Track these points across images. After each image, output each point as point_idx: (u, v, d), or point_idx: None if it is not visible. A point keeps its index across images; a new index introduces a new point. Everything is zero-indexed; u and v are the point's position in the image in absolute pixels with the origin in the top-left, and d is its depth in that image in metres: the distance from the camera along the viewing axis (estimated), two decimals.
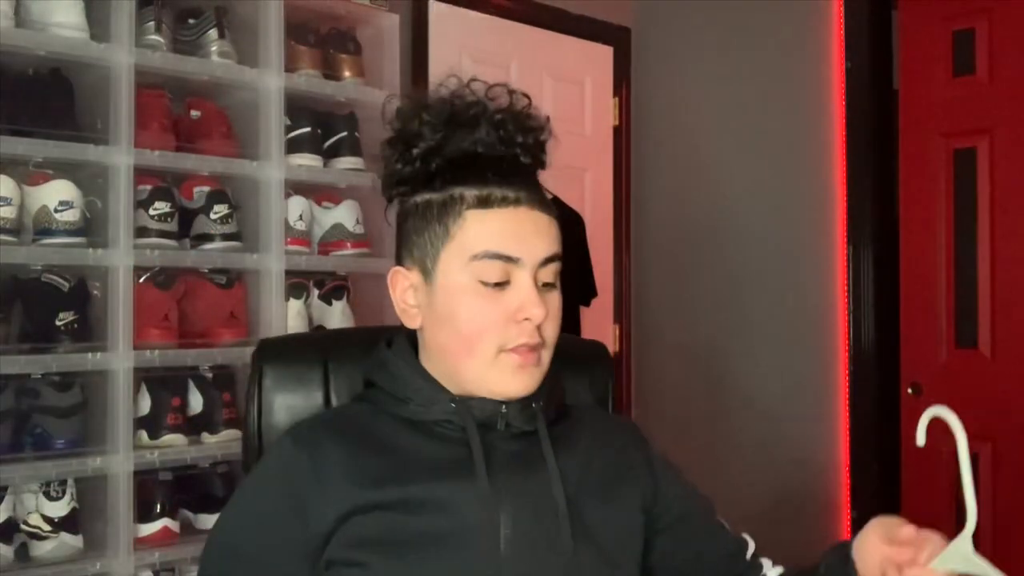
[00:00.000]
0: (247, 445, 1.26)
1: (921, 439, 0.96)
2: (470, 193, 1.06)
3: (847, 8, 3.18)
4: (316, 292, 2.39)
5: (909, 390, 3.01)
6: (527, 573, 1.03)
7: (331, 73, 2.42)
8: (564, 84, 3.33)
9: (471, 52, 3.03)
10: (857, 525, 3.08)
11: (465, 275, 1.05)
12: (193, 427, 2.15)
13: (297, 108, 2.33)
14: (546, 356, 1.08)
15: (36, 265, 1.98)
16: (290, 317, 2.28)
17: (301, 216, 2.31)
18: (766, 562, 1.21)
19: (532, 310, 1.04)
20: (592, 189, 3.34)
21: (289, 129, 2.31)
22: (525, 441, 1.09)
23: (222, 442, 2.16)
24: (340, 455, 1.05)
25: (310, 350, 1.32)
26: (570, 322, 3.20)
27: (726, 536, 1.20)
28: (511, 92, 1.12)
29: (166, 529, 2.07)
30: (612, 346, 3.24)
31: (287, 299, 2.27)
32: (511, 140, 1.08)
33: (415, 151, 1.07)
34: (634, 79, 3.48)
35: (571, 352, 1.19)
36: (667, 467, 1.19)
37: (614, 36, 3.45)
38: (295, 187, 2.32)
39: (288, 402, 1.25)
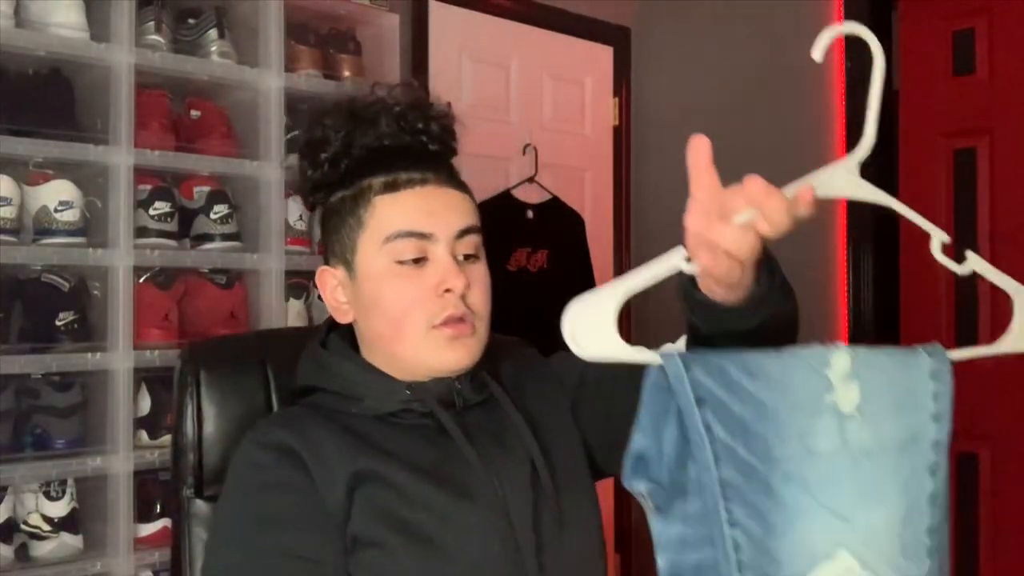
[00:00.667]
0: (178, 461, 1.21)
1: (818, 55, 0.82)
2: (377, 181, 1.09)
3: (847, 8, 3.18)
4: (316, 292, 2.39)
5: None
6: (533, 524, 1.06)
7: (331, 73, 2.42)
8: (564, 84, 3.33)
9: (471, 52, 3.03)
10: None
11: (382, 259, 1.08)
12: None
13: (297, 108, 2.33)
14: (480, 326, 1.09)
15: (36, 265, 1.98)
16: (290, 317, 2.28)
17: (301, 216, 2.31)
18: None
19: (452, 280, 1.06)
20: (592, 189, 3.34)
21: (289, 129, 2.31)
22: (479, 411, 1.12)
23: None
24: (321, 432, 1.05)
25: (245, 352, 1.28)
26: None
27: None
28: (410, 86, 1.18)
29: (166, 529, 2.07)
30: None
31: (287, 299, 2.27)
32: (414, 129, 1.12)
33: (323, 155, 1.11)
34: (634, 79, 3.47)
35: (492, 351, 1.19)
36: (558, 358, 1.21)
37: (614, 36, 3.45)
38: (295, 187, 2.32)
39: (227, 409, 1.20)
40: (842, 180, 0.89)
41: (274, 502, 1.02)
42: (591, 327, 0.84)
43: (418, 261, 1.07)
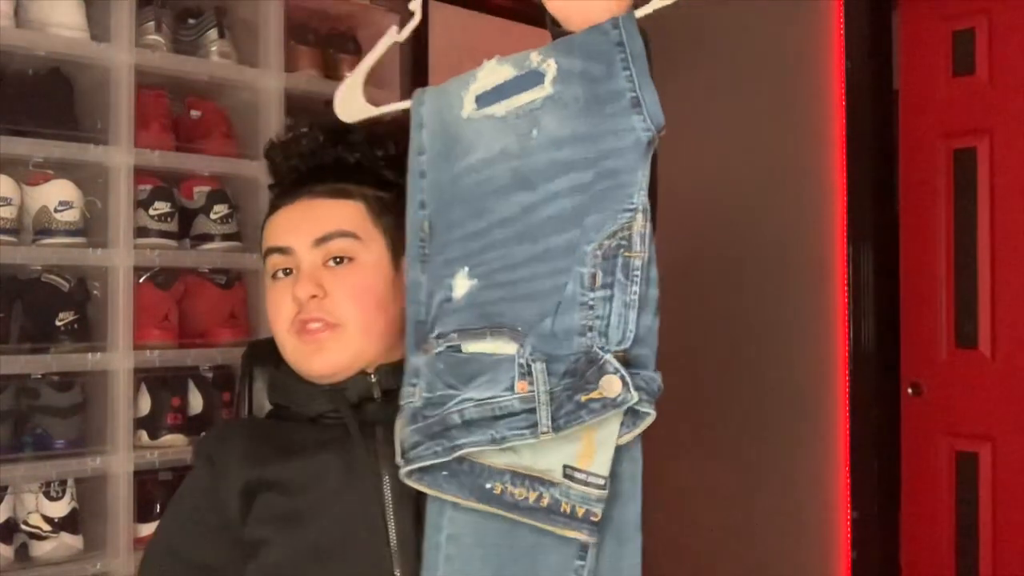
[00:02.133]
0: None
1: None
2: (274, 201, 1.17)
3: (847, 8, 3.17)
4: None
5: (909, 390, 3.01)
6: (415, 512, 1.06)
7: (331, 73, 2.42)
8: None
9: (471, 52, 3.02)
10: (857, 525, 3.08)
11: (266, 277, 1.16)
12: (193, 427, 2.15)
13: (297, 108, 2.33)
14: (347, 330, 1.10)
15: (36, 265, 1.98)
16: None
17: None
18: None
19: (296, 289, 1.10)
20: None
21: (289, 129, 2.30)
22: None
23: None
24: (239, 445, 1.13)
25: None
26: None
27: None
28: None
29: None
30: None
31: None
32: (322, 145, 1.18)
33: (274, 189, 1.21)
34: None
35: None
36: None
37: None
38: None
39: None
40: None
41: (184, 506, 1.14)
42: (348, 100, 1.07)
43: (288, 272, 1.12)
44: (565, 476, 0.88)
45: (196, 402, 2.17)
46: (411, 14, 1.10)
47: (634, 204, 0.90)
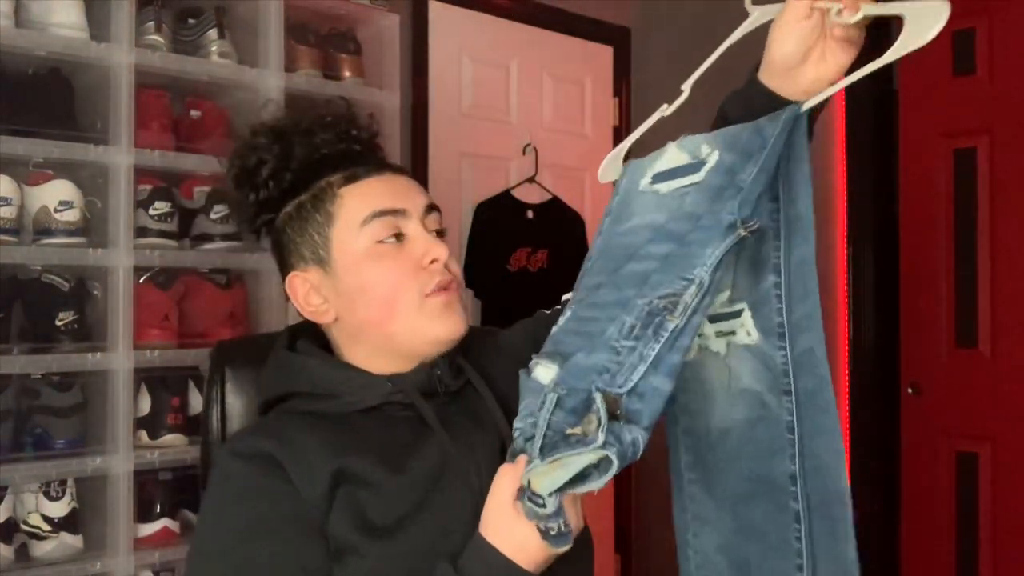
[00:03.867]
0: (206, 453, 1.23)
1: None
2: (336, 177, 1.12)
3: None
4: None
5: (909, 390, 3.01)
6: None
7: (331, 73, 2.42)
8: (564, 84, 3.33)
9: (471, 52, 3.03)
10: (857, 525, 3.08)
11: (361, 243, 1.09)
12: (193, 427, 2.15)
13: (297, 108, 2.33)
14: (461, 296, 1.13)
15: (36, 265, 1.98)
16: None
17: None
18: None
19: (436, 251, 1.09)
20: (592, 189, 3.34)
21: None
22: (458, 397, 1.13)
23: None
24: (299, 434, 1.04)
25: (268, 349, 1.26)
26: None
27: None
28: (328, 102, 1.24)
29: (166, 529, 2.07)
30: None
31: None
32: (348, 136, 1.16)
33: (262, 176, 1.14)
34: (634, 79, 3.48)
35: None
36: (511, 331, 1.26)
37: (614, 36, 3.45)
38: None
39: (252, 404, 1.21)
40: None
41: (252, 511, 1.00)
42: (610, 167, 1.14)
43: (398, 237, 1.09)
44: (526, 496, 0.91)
45: (196, 402, 2.17)
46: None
47: (692, 276, 0.92)
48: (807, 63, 0.98)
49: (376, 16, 2.51)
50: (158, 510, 2.07)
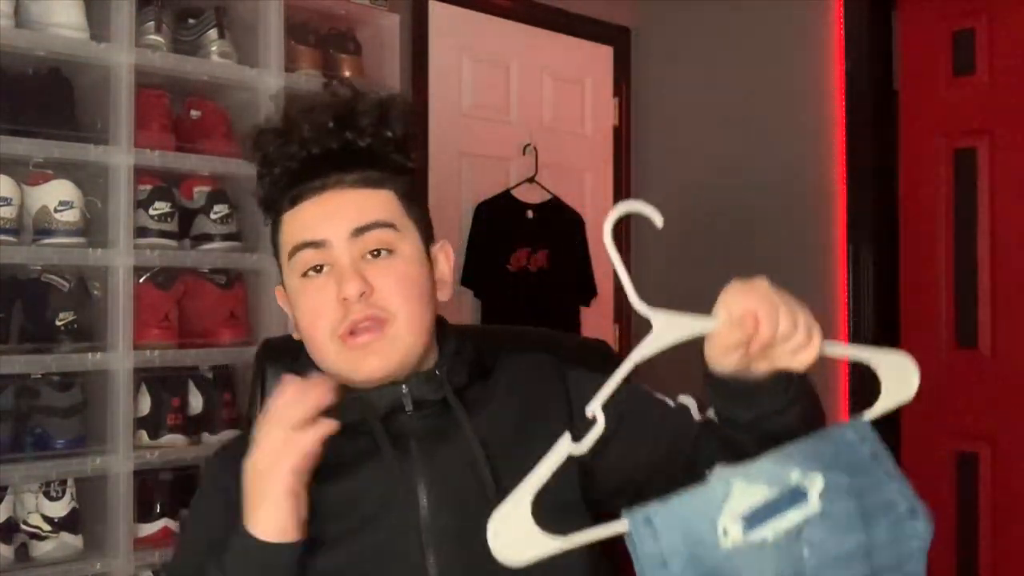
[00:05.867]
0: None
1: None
2: (285, 197, 1.08)
3: (847, 8, 3.17)
4: None
5: None
6: (455, 532, 1.01)
7: (331, 73, 2.42)
8: (564, 84, 3.33)
9: (471, 52, 3.03)
10: None
11: (293, 275, 1.06)
12: (193, 427, 2.15)
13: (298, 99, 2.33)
14: (398, 324, 1.04)
15: (36, 265, 1.98)
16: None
17: None
18: (690, 402, 1.17)
19: (344, 287, 1.02)
20: (592, 189, 3.34)
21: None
22: (445, 415, 1.07)
23: (222, 442, 2.16)
24: None
25: None
26: (571, 322, 3.20)
27: (670, 420, 1.13)
28: (343, 82, 1.17)
29: (166, 529, 2.07)
30: (612, 346, 3.23)
31: None
32: (340, 128, 1.08)
33: (266, 179, 1.10)
34: (634, 79, 3.47)
35: (573, 352, 1.16)
36: (587, 380, 1.10)
37: (614, 36, 3.45)
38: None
39: None
40: None
41: (207, 506, 1.09)
42: (515, 534, 0.86)
43: (319, 270, 1.04)
44: None
45: (196, 402, 2.17)
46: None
47: None
48: (761, 361, 0.94)
49: (376, 16, 2.51)
50: (158, 510, 2.07)
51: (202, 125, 2.23)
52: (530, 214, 3.11)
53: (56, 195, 1.97)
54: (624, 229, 3.40)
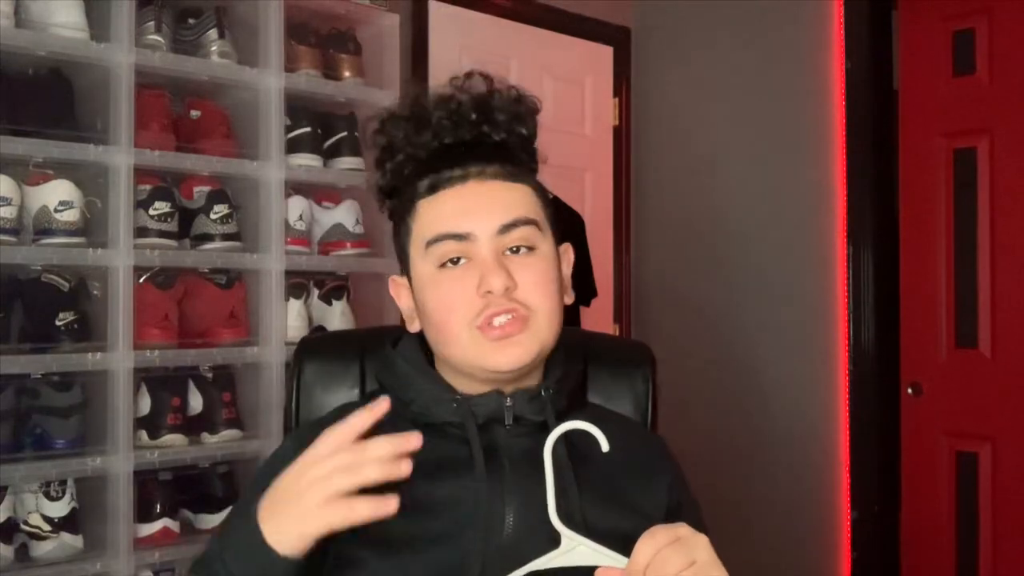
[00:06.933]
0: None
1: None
2: (422, 184, 1.05)
3: (847, 8, 3.17)
4: (316, 292, 2.39)
5: (909, 390, 3.01)
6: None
7: (331, 73, 2.42)
8: (564, 84, 3.33)
9: (471, 52, 3.03)
10: (857, 525, 3.08)
11: (427, 264, 1.05)
12: (193, 427, 2.15)
13: (297, 108, 2.33)
14: (537, 321, 1.03)
15: (36, 265, 1.98)
16: (290, 317, 2.28)
17: (301, 216, 2.31)
18: None
19: (490, 280, 1.00)
20: (592, 189, 3.35)
21: (289, 129, 2.31)
22: (540, 438, 1.02)
23: (222, 442, 2.16)
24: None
25: (347, 347, 1.34)
26: (571, 322, 3.20)
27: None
28: (480, 75, 1.12)
29: (166, 529, 2.07)
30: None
31: (287, 299, 2.27)
32: (472, 121, 1.07)
33: (388, 163, 1.09)
34: (634, 79, 3.48)
35: (611, 354, 1.15)
36: (683, 490, 1.14)
37: (614, 36, 3.45)
38: (295, 187, 2.32)
39: (325, 397, 1.27)
40: None
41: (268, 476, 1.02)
42: None
43: (456, 261, 1.03)
44: None
45: (196, 402, 2.17)
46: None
47: None
48: None
49: (376, 16, 2.51)
50: (158, 510, 2.07)
51: (202, 125, 2.23)
52: None
53: (56, 195, 1.97)
54: (624, 229, 3.40)
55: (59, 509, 1.95)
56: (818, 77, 3.24)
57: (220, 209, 2.18)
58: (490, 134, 1.08)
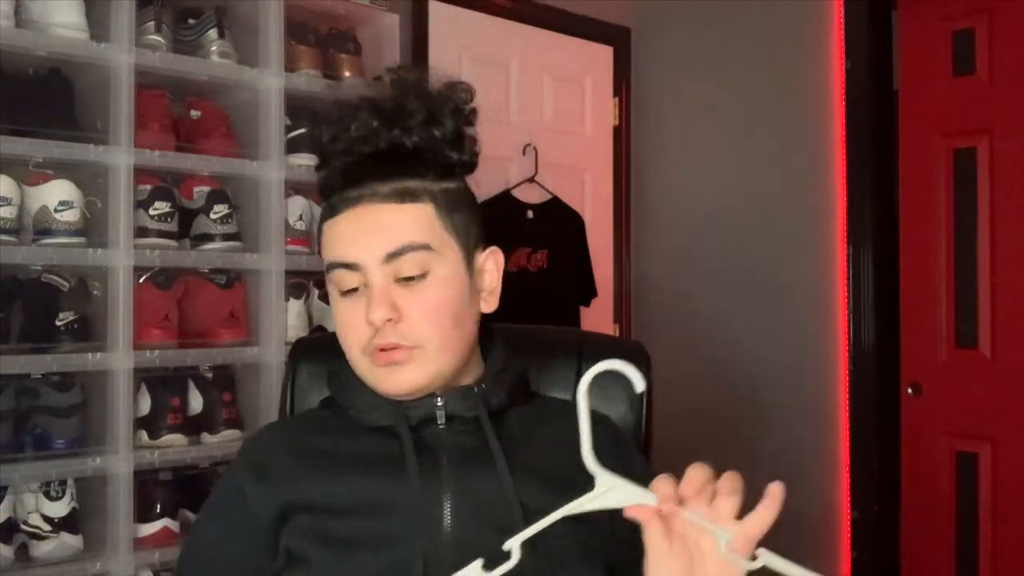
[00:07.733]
0: None
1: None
2: (325, 205, 1.08)
3: (847, 8, 3.18)
4: (316, 292, 2.39)
5: (909, 390, 3.01)
6: (478, 553, 0.96)
7: (331, 73, 2.42)
8: (564, 84, 3.33)
9: (471, 52, 3.03)
10: (857, 525, 3.08)
11: (333, 288, 1.07)
12: (193, 427, 2.15)
13: (297, 108, 2.33)
14: (424, 352, 1.03)
15: (36, 265, 1.98)
16: (290, 317, 2.28)
17: (301, 216, 2.31)
18: None
19: (369, 314, 1.02)
20: (592, 189, 3.34)
21: (289, 129, 2.31)
22: (480, 435, 1.06)
23: (222, 442, 2.16)
24: (279, 456, 1.07)
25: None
26: (570, 323, 3.20)
27: None
28: (401, 70, 1.10)
29: (166, 529, 2.07)
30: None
31: (287, 299, 2.27)
32: (376, 131, 1.05)
33: (316, 167, 1.10)
34: (634, 79, 3.47)
35: (606, 353, 1.14)
36: (641, 466, 1.10)
37: (614, 36, 3.45)
38: (295, 187, 2.32)
39: (319, 399, 1.26)
40: None
41: (221, 501, 1.10)
42: None
43: (352, 291, 1.05)
44: None
45: (196, 402, 2.17)
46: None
47: None
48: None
49: (376, 16, 2.51)
50: (158, 510, 2.07)
51: (202, 125, 2.23)
52: (530, 214, 3.10)
53: (56, 195, 1.97)
54: (624, 229, 3.40)
55: (59, 509, 1.95)
56: (818, 77, 3.24)
57: (220, 209, 2.18)
58: (404, 141, 1.05)
